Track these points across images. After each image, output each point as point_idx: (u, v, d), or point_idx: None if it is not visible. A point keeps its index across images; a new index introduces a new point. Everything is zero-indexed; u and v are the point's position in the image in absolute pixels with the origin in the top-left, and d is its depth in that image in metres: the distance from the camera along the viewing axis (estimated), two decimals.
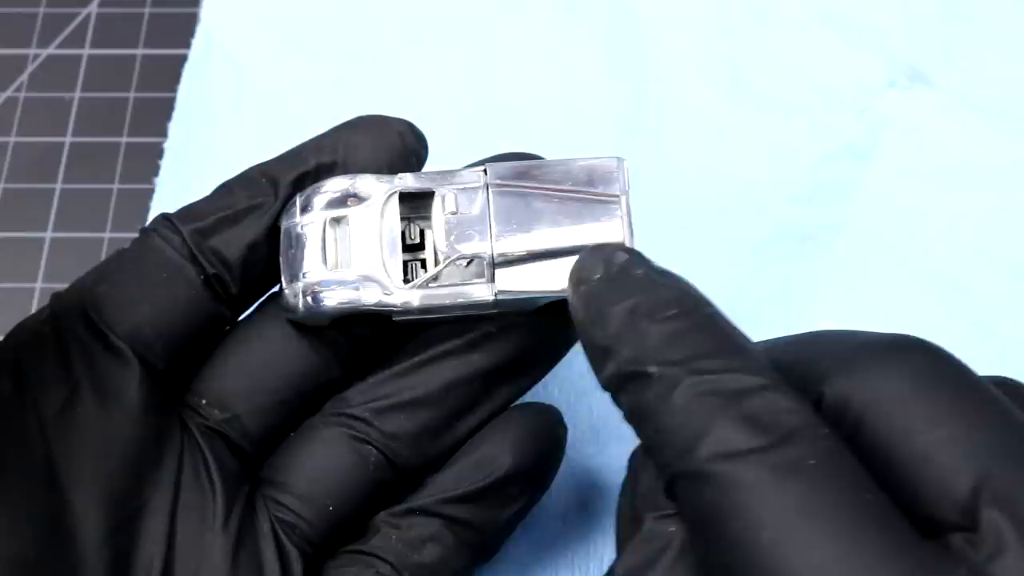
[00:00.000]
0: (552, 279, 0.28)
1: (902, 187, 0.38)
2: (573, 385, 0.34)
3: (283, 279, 0.28)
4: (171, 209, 0.29)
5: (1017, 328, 0.35)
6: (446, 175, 0.29)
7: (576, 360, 0.33)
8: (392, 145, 0.29)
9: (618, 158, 0.29)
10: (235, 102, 0.40)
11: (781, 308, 0.36)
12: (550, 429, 0.29)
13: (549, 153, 0.38)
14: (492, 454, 0.28)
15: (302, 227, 0.28)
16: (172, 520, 0.26)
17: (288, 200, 0.29)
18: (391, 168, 0.29)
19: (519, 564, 0.32)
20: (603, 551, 0.32)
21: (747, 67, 0.40)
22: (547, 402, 0.30)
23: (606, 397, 0.34)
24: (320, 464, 0.28)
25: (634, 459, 0.24)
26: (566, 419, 0.30)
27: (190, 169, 0.39)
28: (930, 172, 0.38)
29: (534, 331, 0.29)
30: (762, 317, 0.36)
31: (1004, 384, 0.22)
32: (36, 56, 0.43)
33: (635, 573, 0.22)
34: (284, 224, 0.28)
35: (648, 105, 0.40)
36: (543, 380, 0.30)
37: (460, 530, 0.28)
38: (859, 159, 0.38)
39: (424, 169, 0.30)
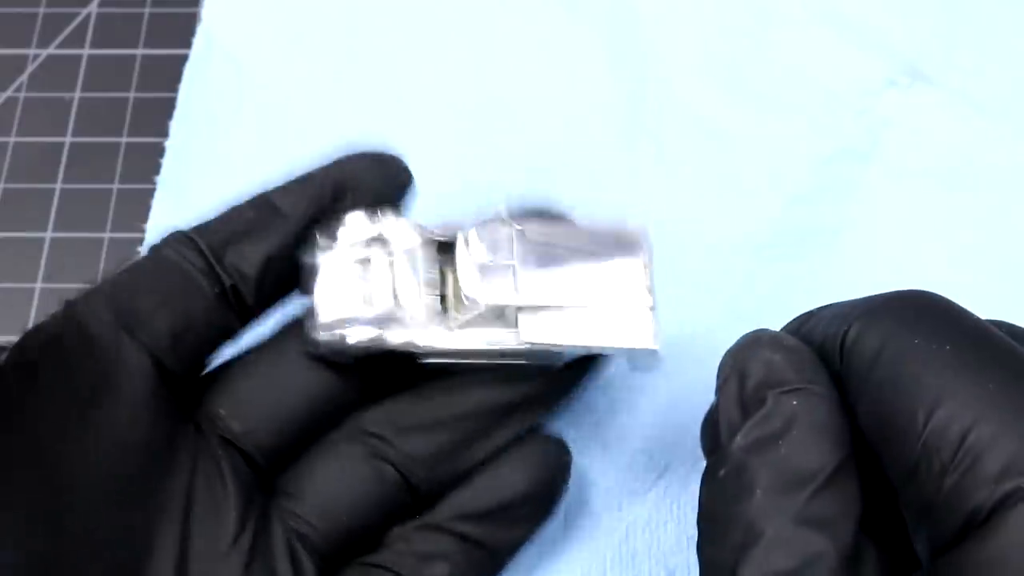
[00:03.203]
0: (580, 334, 0.28)
1: (902, 187, 0.38)
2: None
3: (307, 316, 0.29)
4: (172, 207, 0.29)
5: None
6: (472, 222, 0.29)
7: None
8: (389, 170, 0.31)
9: (643, 226, 0.29)
10: (236, 102, 0.40)
11: (781, 308, 0.36)
12: (559, 457, 0.30)
13: (548, 154, 0.39)
14: (509, 475, 0.29)
15: (328, 264, 0.28)
16: (185, 527, 0.26)
17: (307, 219, 0.29)
18: (392, 191, 0.30)
19: (518, 566, 0.32)
20: (605, 550, 0.32)
21: (747, 67, 0.40)
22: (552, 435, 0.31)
23: (607, 398, 0.34)
24: (337, 478, 0.28)
25: (727, 360, 0.25)
26: (568, 420, 0.31)
27: (191, 168, 0.39)
28: (930, 172, 0.38)
29: (559, 372, 0.30)
30: (762, 317, 0.35)
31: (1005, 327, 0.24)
32: (36, 56, 0.43)
33: (761, 444, 0.23)
34: (309, 260, 0.29)
35: (648, 105, 0.40)
36: None
37: (471, 548, 0.28)
38: (859, 159, 0.38)
39: (416, 182, 0.31)
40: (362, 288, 0.28)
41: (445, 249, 0.29)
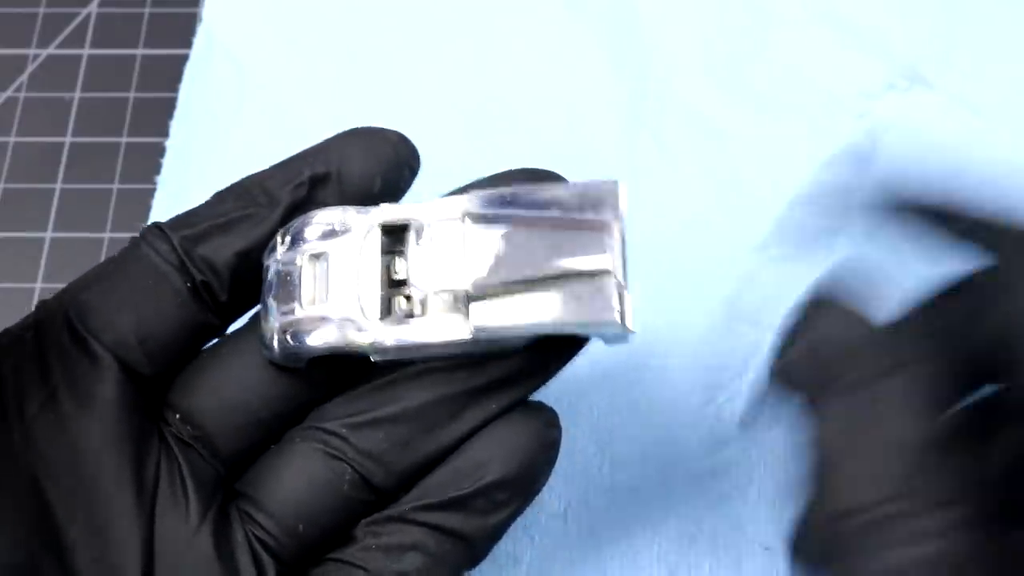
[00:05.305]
0: (534, 312, 0.26)
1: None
2: (574, 384, 0.34)
3: (261, 319, 0.27)
4: (172, 207, 0.29)
5: None
6: (427, 205, 0.27)
7: (576, 358, 0.33)
8: (387, 155, 0.29)
9: (615, 181, 0.27)
10: (236, 101, 0.40)
11: (781, 308, 0.36)
12: (543, 432, 0.28)
13: (549, 153, 0.39)
14: (480, 459, 0.27)
15: (282, 264, 0.27)
16: (150, 526, 0.26)
17: (288, 211, 0.28)
18: (385, 178, 0.29)
19: (519, 564, 0.32)
20: (606, 550, 0.32)
21: (747, 67, 0.40)
22: (544, 402, 0.29)
23: (607, 395, 0.34)
24: (292, 482, 0.27)
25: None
26: (567, 418, 0.29)
27: (192, 168, 0.39)
28: (929, 175, 0.38)
29: (529, 352, 0.28)
30: (762, 317, 0.36)
31: None
32: (36, 56, 0.43)
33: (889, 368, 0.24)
34: (266, 261, 0.28)
35: (649, 104, 0.40)
36: None
37: (444, 538, 0.27)
38: (859, 161, 0.38)
39: (417, 183, 0.30)
40: (315, 287, 0.27)
41: (399, 233, 0.27)
